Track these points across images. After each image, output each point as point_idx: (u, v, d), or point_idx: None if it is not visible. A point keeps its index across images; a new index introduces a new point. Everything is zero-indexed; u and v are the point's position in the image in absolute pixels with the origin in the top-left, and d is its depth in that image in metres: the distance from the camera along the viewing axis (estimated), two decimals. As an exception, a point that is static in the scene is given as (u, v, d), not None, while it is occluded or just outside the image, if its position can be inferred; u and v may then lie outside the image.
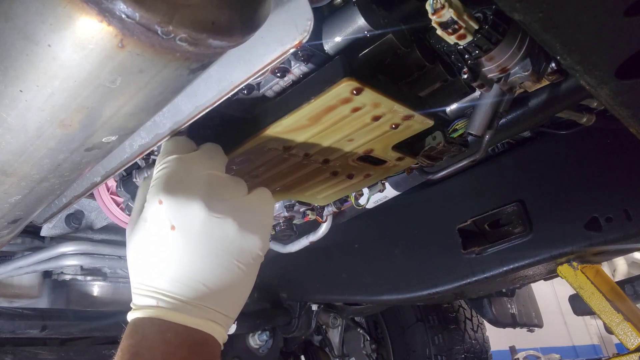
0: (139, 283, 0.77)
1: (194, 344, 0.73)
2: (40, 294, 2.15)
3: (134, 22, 0.51)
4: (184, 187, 0.78)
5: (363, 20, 0.81)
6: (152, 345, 0.71)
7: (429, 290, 1.85)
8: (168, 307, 0.73)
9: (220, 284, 0.76)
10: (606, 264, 8.18)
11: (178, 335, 0.72)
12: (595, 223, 1.52)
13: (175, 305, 0.73)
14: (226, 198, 0.80)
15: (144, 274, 0.76)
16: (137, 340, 0.72)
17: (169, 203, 0.76)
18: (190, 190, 0.77)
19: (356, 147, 0.99)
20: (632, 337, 1.57)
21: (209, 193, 0.78)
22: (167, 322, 0.72)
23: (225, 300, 0.77)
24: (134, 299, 0.78)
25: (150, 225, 0.77)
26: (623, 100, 0.76)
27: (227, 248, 0.77)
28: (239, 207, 0.81)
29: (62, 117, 0.65)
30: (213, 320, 0.76)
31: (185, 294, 0.74)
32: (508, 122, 1.29)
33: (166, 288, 0.74)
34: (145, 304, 0.75)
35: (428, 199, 1.92)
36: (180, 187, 0.78)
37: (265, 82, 0.93)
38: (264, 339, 2.51)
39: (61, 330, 1.80)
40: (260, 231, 0.81)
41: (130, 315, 0.76)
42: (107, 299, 2.15)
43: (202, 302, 0.74)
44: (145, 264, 0.77)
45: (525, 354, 9.15)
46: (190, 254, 0.74)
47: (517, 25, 0.78)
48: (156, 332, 0.72)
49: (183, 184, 0.79)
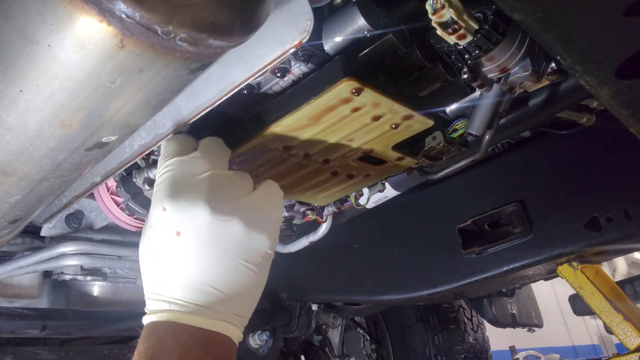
0: (151, 289, 0.77)
1: (208, 345, 0.74)
2: (40, 294, 2.15)
3: (134, 22, 0.51)
4: (187, 191, 0.77)
5: (363, 20, 0.81)
6: (167, 347, 0.72)
7: (429, 290, 1.85)
8: (181, 311, 0.74)
9: (231, 286, 0.76)
10: (606, 264, 8.18)
11: (192, 336, 0.73)
12: (595, 223, 1.52)
13: (189, 309, 0.74)
14: (231, 197, 0.80)
15: (155, 281, 0.77)
16: (152, 343, 0.73)
17: (173, 209, 0.76)
18: (193, 194, 0.77)
19: (356, 147, 0.99)
20: (632, 337, 1.57)
21: (213, 194, 0.78)
22: (181, 324, 0.73)
23: (237, 301, 0.77)
24: (147, 304, 0.78)
25: (156, 232, 0.77)
26: (623, 100, 0.76)
27: (234, 249, 0.76)
28: (244, 206, 0.80)
29: (62, 117, 0.65)
30: (227, 320, 0.76)
31: (197, 299, 0.74)
32: (508, 122, 1.29)
33: (177, 294, 0.74)
34: (158, 308, 0.75)
35: (428, 199, 1.92)
36: (183, 192, 0.77)
37: (265, 82, 0.93)
38: (264, 339, 2.51)
39: (61, 330, 1.80)
40: (268, 229, 0.81)
41: (145, 320, 0.76)
42: (107, 299, 2.14)
43: (214, 304, 0.74)
44: (155, 270, 0.77)
45: (525, 354, 9.14)
46: (198, 259, 0.74)
47: (517, 25, 0.78)
48: (171, 335, 0.73)
49: (186, 188, 0.78)
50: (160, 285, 0.76)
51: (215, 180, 0.81)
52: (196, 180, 0.79)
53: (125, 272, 2.07)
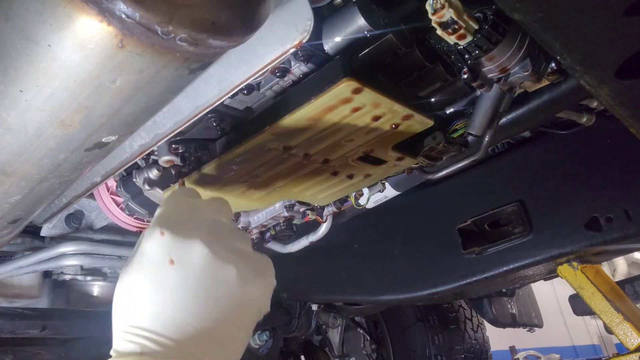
0: (124, 325, 0.70)
1: None
2: (40, 294, 2.15)
3: (134, 22, 0.51)
4: (189, 226, 0.74)
5: (363, 20, 0.81)
6: None
7: (429, 290, 1.85)
8: (154, 355, 0.66)
9: (216, 331, 0.70)
10: (606, 264, 8.17)
11: None
12: (595, 223, 1.52)
13: (163, 353, 0.66)
14: (231, 247, 0.76)
15: (132, 314, 0.70)
16: None
17: (171, 236, 0.71)
18: (195, 228, 0.73)
19: (356, 147, 0.99)
20: (632, 337, 1.57)
21: (214, 236, 0.74)
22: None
23: (218, 348, 0.71)
24: (115, 344, 0.70)
25: (148, 259, 0.71)
26: (623, 100, 0.76)
27: (226, 294, 0.71)
28: (242, 257, 0.76)
29: (62, 117, 0.65)
30: None
31: (175, 337, 0.67)
32: (508, 122, 1.29)
33: (156, 329, 0.67)
34: (127, 350, 0.67)
35: (428, 199, 1.92)
36: (185, 224, 0.74)
37: (265, 82, 0.94)
38: (264, 339, 2.51)
39: (61, 330, 1.80)
40: (261, 289, 0.76)
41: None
42: (107, 299, 2.14)
43: (193, 348, 0.68)
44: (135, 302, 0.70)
45: (525, 354, 9.14)
46: (187, 293, 0.69)
47: (517, 25, 0.78)
48: None
49: (188, 221, 0.75)
50: (137, 317, 0.69)
51: (220, 226, 0.78)
52: (200, 219, 0.77)
53: (125, 272, 2.07)
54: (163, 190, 1.15)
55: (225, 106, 1.00)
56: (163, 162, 1.11)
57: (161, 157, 1.10)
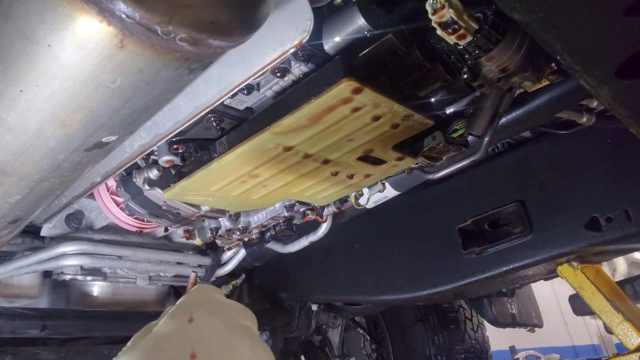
0: None
1: None
2: (40, 294, 2.15)
3: (134, 22, 0.51)
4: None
5: (363, 20, 0.81)
6: None
7: (429, 290, 1.85)
8: None
9: None
10: (606, 264, 8.18)
11: None
12: (595, 223, 1.52)
13: None
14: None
15: None
16: None
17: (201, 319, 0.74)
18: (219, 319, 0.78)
19: (356, 147, 0.99)
20: (632, 337, 1.57)
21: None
22: None
23: None
24: None
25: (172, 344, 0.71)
26: (623, 100, 0.76)
27: None
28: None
29: (62, 117, 0.65)
30: None
31: None
32: (508, 122, 1.29)
33: None
34: None
35: (428, 199, 1.92)
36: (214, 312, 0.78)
37: (265, 82, 0.94)
38: (264, 339, 2.51)
39: (61, 330, 1.80)
40: None
41: None
42: (107, 299, 2.14)
43: None
44: None
45: (525, 354, 9.13)
46: None
47: (517, 25, 0.78)
48: None
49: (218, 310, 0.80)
50: None
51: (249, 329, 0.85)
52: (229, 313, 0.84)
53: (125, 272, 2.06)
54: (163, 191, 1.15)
55: (225, 106, 1.00)
56: (163, 162, 1.11)
57: (161, 157, 1.10)
